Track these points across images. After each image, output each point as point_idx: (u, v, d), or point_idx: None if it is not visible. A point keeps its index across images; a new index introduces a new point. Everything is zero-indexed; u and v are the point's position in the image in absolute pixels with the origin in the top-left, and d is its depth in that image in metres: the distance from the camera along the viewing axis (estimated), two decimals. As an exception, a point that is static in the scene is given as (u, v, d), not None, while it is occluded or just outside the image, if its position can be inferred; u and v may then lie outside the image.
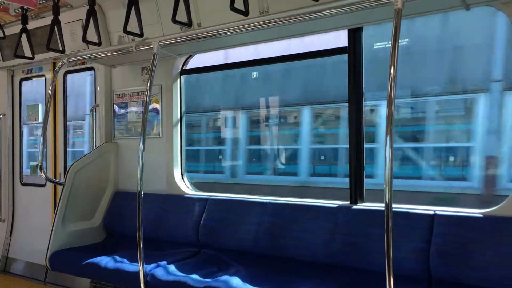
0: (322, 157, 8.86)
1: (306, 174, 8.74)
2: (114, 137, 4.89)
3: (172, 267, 3.51)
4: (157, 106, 4.55)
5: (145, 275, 3.41)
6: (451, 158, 7.16)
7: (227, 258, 3.74)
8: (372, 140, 7.39)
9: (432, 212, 3.01)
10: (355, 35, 3.48)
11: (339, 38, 3.65)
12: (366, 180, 3.48)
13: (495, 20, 5.94)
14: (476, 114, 6.67)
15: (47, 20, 4.60)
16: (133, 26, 3.73)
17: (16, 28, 4.75)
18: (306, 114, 8.76)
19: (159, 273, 3.42)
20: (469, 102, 6.82)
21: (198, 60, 4.48)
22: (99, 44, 4.19)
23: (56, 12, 4.22)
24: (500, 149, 6.43)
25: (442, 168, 7.25)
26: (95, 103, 5.01)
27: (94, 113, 4.99)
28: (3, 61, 5.55)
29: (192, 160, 10.04)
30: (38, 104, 5.73)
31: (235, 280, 3.12)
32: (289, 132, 9.37)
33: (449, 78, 6.94)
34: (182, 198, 4.28)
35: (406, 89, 7.16)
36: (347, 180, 3.47)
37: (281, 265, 3.47)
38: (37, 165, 4.99)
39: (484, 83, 6.49)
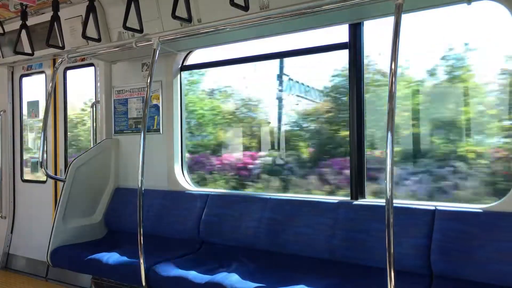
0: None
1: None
2: (114, 133, 4.88)
3: (173, 263, 3.52)
4: (157, 102, 4.55)
5: (146, 270, 3.41)
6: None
7: (228, 253, 3.74)
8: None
9: (432, 208, 3.00)
10: (356, 30, 3.47)
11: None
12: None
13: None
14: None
15: (47, 16, 4.59)
16: (133, 22, 3.72)
17: (16, 24, 4.74)
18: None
19: (160, 269, 3.42)
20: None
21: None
22: (99, 40, 4.18)
23: (55, 8, 4.21)
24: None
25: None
26: (95, 99, 5.01)
27: (94, 109, 4.99)
28: (3, 57, 5.54)
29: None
30: (38, 101, 5.73)
31: (236, 276, 3.13)
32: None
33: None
34: (182, 194, 4.28)
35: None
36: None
37: (281, 260, 3.47)
38: (37, 161, 4.98)
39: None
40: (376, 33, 3.51)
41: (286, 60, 4.49)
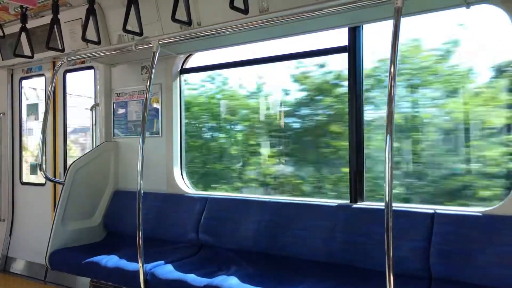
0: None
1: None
2: (113, 136, 4.88)
3: (172, 266, 3.51)
4: (157, 105, 4.55)
5: (145, 274, 3.41)
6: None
7: (227, 256, 3.73)
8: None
9: (432, 211, 3.00)
10: (355, 33, 3.47)
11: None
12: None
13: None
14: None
15: (47, 19, 4.59)
16: (132, 25, 3.72)
17: (16, 27, 4.73)
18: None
19: (159, 272, 3.42)
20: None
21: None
22: (98, 43, 4.18)
23: (55, 11, 4.21)
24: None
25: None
26: (94, 102, 5.01)
27: (93, 112, 4.99)
28: (2, 60, 5.54)
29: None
30: (37, 103, 5.73)
31: (235, 279, 3.12)
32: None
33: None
34: (182, 197, 4.27)
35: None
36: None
37: (280, 263, 3.47)
38: (36, 164, 4.97)
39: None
40: (376, 36, 3.52)
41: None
